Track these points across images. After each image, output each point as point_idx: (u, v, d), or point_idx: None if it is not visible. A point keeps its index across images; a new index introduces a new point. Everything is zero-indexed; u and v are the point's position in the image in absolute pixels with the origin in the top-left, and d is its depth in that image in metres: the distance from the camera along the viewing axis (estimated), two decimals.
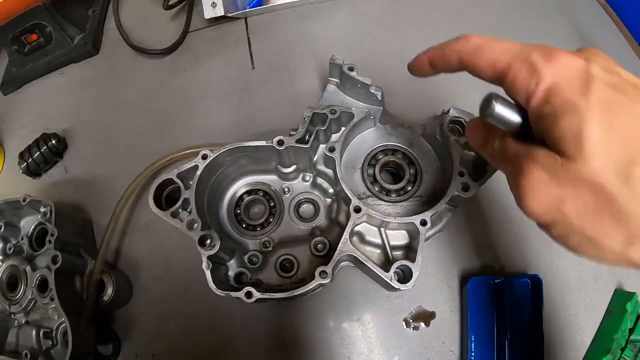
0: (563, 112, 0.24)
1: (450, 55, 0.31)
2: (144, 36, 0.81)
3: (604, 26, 0.79)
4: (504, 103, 0.27)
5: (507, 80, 0.27)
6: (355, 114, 0.50)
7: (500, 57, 0.27)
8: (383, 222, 0.48)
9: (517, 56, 0.27)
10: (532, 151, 0.26)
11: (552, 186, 0.25)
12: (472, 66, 0.30)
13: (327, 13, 0.77)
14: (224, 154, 0.49)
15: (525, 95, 0.26)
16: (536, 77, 0.25)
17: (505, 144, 0.29)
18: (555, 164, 0.25)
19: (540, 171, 0.25)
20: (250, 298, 0.44)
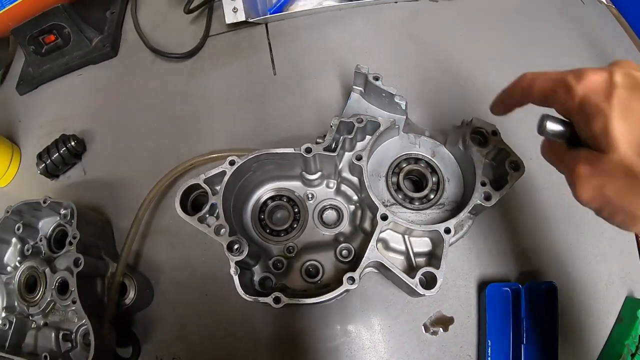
0: (592, 116, 0.30)
1: (514, 92, 0.39)
2: (163, 39, 0.81)
3: (617, 37, 0.82)
4: (553, 120, 0.35)
5: (552, 101, 0.35)
6: (381, 123, 0.51)
7: (545, 84, 0.35)
8: (407, 230, 0.49)
9: (557, 81, 0.34)
10: (578, 152, 0.33)
11: (594, 176, 0.31)
12: (530, 96, 0.37)
13: (346, 20, 0.78)
14: (251, 160, 0.50)
15: (566, 110, 0.33)
16: (571, 94, 0.32)
17: (562, 151, 0.36)
18: (594, 158, 0.31)
19: (584, 166, 0.32)
20: (278, 303, 0.45)
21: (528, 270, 0.57)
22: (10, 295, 0.58)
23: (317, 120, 0.68)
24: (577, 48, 0.77)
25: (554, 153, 0.37)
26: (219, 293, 0.57)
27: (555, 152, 0.37)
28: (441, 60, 0.73)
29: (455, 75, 0.72)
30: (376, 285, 0.56)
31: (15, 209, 0.58)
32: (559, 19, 0.81)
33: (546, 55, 0.76)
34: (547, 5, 0.83)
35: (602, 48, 0.78)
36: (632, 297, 0.55)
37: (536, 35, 0.78)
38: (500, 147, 0.50)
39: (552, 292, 0.54)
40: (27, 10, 0.75)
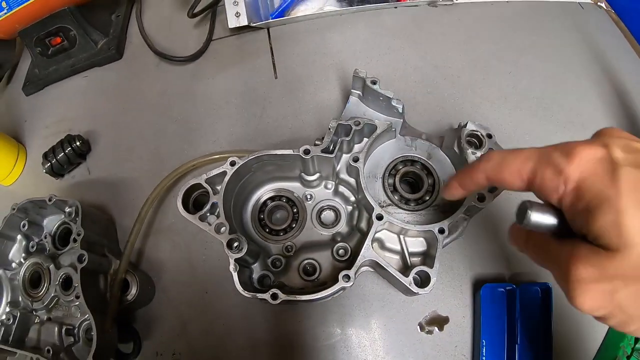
0: (597, 206, 0.25)
1: (476, 175, 0.33)
2: (167, 42, 0.83)
3: (616, 41, 0.82)
4: (539, 209, 0.29)
5: (535, 186, 0.29)
6: (378, 126, 0.52)
7: (523, 166, 0.29)
8: (402, 230, 0.50)
9: (539, 161, 0.28)
10: (575, 249, 0.26)
11: (602, 281, 0.25)
12: (499, 181, 0.32)
13: (347, 24, 0.80)
14: (251, 161, 0.52)
15: (556, 197, 0.28)
16: (563, 177, 0.27)
17: (547, 244, 0.29)
18: (601, 258, 0.25)
19: (587, 268, 0.25)
20: (275, 299, 0.46)
21: (523, 271, 0.58)
22: (15, 291, 0.60)
23: (317, 123, 0.69)
24: (576, 53, 0.78)
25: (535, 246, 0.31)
26: (218, 291, 0.59)
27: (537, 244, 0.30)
28: (440, 65, 0.74)
29: (453, 80, 0.74)
30: (372, 285, 0.57)
31: (20, 207, 0.60)
32: (558, 23, 0.82)
33: (545, 60, 0.77)
34: (546, 10, 0.85)
35: (601, 52, 0.79)
36: None
37: (535, 40, 0.79)
38: (495, 149, 0.51)
39: (547, 293, 0.54)
40: (34, 12, 0.77)
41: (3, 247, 0.61)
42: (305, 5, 0.81)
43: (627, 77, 0.76)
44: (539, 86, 0.74)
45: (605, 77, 0.76)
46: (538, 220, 0.28)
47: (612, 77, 0.76)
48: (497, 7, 0.83)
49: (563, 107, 0.72)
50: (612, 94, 0.74)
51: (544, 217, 0.28)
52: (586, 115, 0.71)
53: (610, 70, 0.77)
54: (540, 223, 0.29)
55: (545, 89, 0.73)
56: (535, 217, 0.28)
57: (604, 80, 0.76)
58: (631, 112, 0.72)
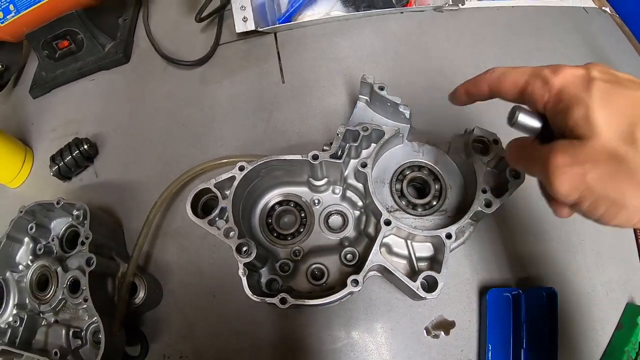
0: (572, 105, 0.31)
1: (481, 83, 0.39)
2: (174, 46, 0.84)
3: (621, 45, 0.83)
4: (526, 112, 0.34)
5: (526, 93, 0.34)
6: (385, 132, 0.53)
7: (519, 78, 0.35)
8: (410, 235, 0.51)
9: (532, 74, 0.34)
10: (554, 145, 0.32)
11: (574, 165, 0.30)
12: (498, 89, 0.37)
13: (353, 29, 0.81)
14: (260, 166, 0.52)
15: (541, 101, 0.33)
16: (548, 86, 0.33)
17: (534, 148, 0.35)
18: (574, 146, 0.30)
19: (563, 156, 0.31)
20: (284, 304, 0.47)
21: (529, 276, 0.59)
22: (22, 293, 0.60)
23: (325, 128, 0.70)
24: (580, 57, 0.79)
25: (524, 151, 0.37)
26: (226, 294, 0.59)
27: (525, 149, 0.36)
28: (446, 70, 0.75)
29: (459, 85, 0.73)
30: (379, 290, 0.58)
31: (28, 209, 0.60)
32: (563, 28, 0.83)
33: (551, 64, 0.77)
34: (551, 15, 0.86)
35: (605, 56, 0.80)
36: (633, 304, 0.57)
37: (540, 45, 0.80)
38: (502, 155, 0.52)
39: (553, 298, 0.55)
40: (41, 16, 0.77)
41: (10, 249, 0.61)
42: (312, 10, 0.82)
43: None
44: None
45: None
46: (524, 121, 0.34)
47: None
48: (502, 12, 0.84)
49: None
50: None
51: (530, 120, 0.34)
52: None
53: None
54: (527, 124, 0.34)
55: None
56: (522, 117, 0.34)
57: None
58: None
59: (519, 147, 0.38)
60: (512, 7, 0.86)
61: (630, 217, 0.30)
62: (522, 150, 0.37)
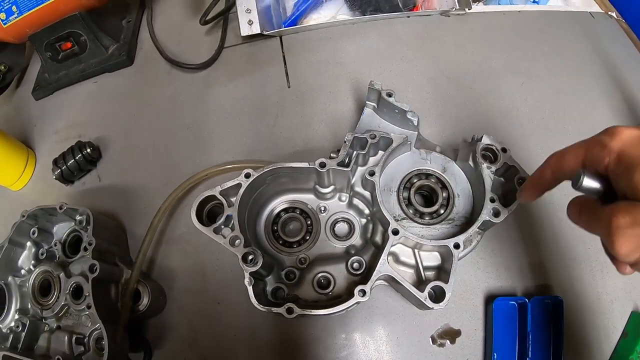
0: (633, 167, 0.31)
1: (545, 172, 0.40)
2: (178, 49, 0.84)
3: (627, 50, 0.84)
4: (590, 175, 0.35)
5: (588, 161, 0.36)
6: (394, 140, 0.53)
7: (578, 151, 0.37)
8: (417, 244, 0.51)
9: (590, 143, 0.36)
10: (616, 205, 0.32)
11: (635, 227, 0.30)
12: (562, 171, 0.38)
13: (359, 34, 0.80)
14: (266, 173, 0.52)
15: (602, 165, 0.34)
16: (607, 150, 0.34)
17: (596, 208, 0.35)
18: (635, 208, 0.30)
19: (624, 217, 0.30)
20: (291, 314, 0.47)
21: (534, 285, 0.59)
22: (24, 298, 0.60)
23: (331, 133, 0.70)
24: (587, 62, 0.79)
25: (586, 210, 0.37)
26: (230, 301, 0.59)
27: (588, 208, 0.37)
28: (453, 76, 0.75)
29: (466, 91, 0.74)
30: (385, 297, 0.58)
31: (30, 214, 0.60)
32: (569, 33, 0.83)
33: (556, 70, 0.78)
34: (558, 20, 0.86)
35: (611, 62, 0.80)
36: (638, 312, 0.57)
37: (546, 50, 0.80)
38: (510, 164, 0.51)
39: (558, 307, 0.55)
40: (44, 17, 0.77)
41: (12, 253, 0.61)
42: (318, 13, 0.82)
43: (638, 86, 0.78)
44: (550, 97, 0.74)
45: (615, 86, 0.77)
46: (588, 184, 0.35)
47: (623, 86, 0.77)
48: (508, 17, 0.84)
49: (574, 118, 0.72)
50: (622, 104, 0.75)
51: (592, 182, 0.35)
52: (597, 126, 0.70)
53: (621, 79, 0.78)
54: (590, 186, 0.35)
55: (557, 100, 0.74)
56: (587, 181, 0.35)
57: (615, 90, 0.77)
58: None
59: (581, 205, 0.38)
60: (518, 12, 0.86)
61: None
62: (584, 209, 0.37)
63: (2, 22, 0.75)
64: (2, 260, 0.60)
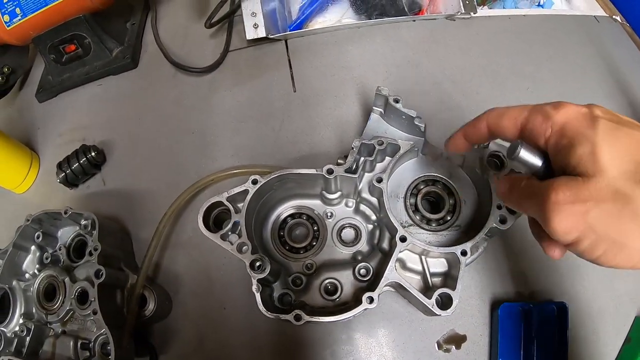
0: (577, 142, 0.30)
1: (479, 124, 0.39)
2: (183, 52, 0.84)
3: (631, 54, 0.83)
4: (528, 148, 0.34)
5: (527, 129, 0.34)
6: (401, 146, 0.53)
7: (519, 114, 0.35)
8: (424, 251, 0.51)
9: (533, 110, 0.34)
10: (555, 181, 0.31)
11: (576, 203, 0.29)
12: (497, 128, 0.37)
13: (365, 37, 0.80)
14: (273, 179, 0.52)
15: (543, 137, 0.33)
16: (550, 121, 0.32)
17: (530, 184, 0.34)
18: (577, 183, 0.29)
19: (565, 192, 0.30)
20: (299, 321, 0.47)
21: (540, 290, 0.59)
22: (29, 303, 0.60)
23: (337, 138, 0.70)
24: (591, 66, 0.80)
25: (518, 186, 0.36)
26: (237, 306, 0.59)
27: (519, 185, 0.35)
28: (458, 80, 0.75)
29: (472, 96, 0.74)
30: (391, 302, 0.58)
31: (35, 218, 0.60)
32: (574, 37, 0.84)
33: (561, 74, 0.78)
34: (563, 24, 0.86)
35: (615, 65, 0.80)
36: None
37: (551, 54, 0.80)
38: (517, 170, 0.51)
39: (563, 312, 0.55)
40: (48, 19, 0.77)
41: (17, 257, 0.61)
42: (324, 17, 0.82)
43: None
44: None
45: (619, 90, 0.77)
46: (525, 157, 0.33)
47: (627, 90, 0.77)
48: (514, 21, 0.84)
49: None
50: (626, 109, 0.75)
51: (531, 157, 0.33)
52: None
53: (625, 83, 0.78)
54: (528, 160, 0.33)
55: None
56: (524, 154, 0.33)
57: (618, 94, 0.77)
58: None
59: (511, 182, 0.37)
60: (523, 16, 0.86)
61: (631, 258, 0.30)
62: (515, 185, 0.36)
63: (6, 24, 0.74)
64: (6, 264, 0.59)
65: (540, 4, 1.05)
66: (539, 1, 1.04)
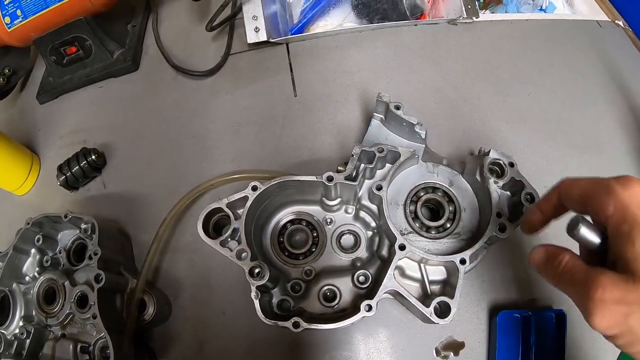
0: (638, 234, 0.29)
1: (552, 196, 0.39)
2: (184, 55, 0.85)
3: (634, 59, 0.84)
4: (588, 225, 0.33)
5: (591, 204, 0.33)
6: (402, 154, 0.53)
7: (586, 185, 0.35)
8: (423, 259, 0.52)
9: (598, 183, 0.33)
10: (603, 274, 0.30)
11: (621, 304, 0.29)
12: (567, 197, 0.37)
13: (366, 42, 0.81)
14: (273, 186, 0.52)
15: (604, 215, 0.32)
16: (614, 199, 0.31)
17: (575, 266, 0.33)
18: (627, 285, 0.29)
19: (612, 292, 0.29)
20: (297, 328, 0.48)
21: (538, 297, 0.60)
22: (29, 305, 0.61)
23: (337, 144, 0.70)
24: (593, 72, 0.80)
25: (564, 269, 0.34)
26: (237, 312, 0.60)
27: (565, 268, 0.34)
28: (460, 85, 0.76)
29: (473, 102, 0.75)
30: (390, 309, 0.58)
31: (35, 221, 0.61)
32: (576, 42, 0.84)
33: (563, 81, 0.79)
34: (565, 28, 0.87)
35: (617, 71, 0.81)
36: None
37: (553, 59, 0.81)
38: (517, 178, 0.52)
39: (562, 320, 0.56)
40: (49, 21, 0.78)
41: (17, 260, 0.62)
42: (325, 21, 0.83)
43: None
44: (557, 108, 0.75)
45: (621, 96, 0.78)
46: (585, 235, 0.33)
47: (629, 96, 0.78)
48: (516, 25, 0.85)
49: (580, 130, 0.73)
50: (628, 115, 0.76)
51: (591, 235, 0.33)
52: (602, 138, 0.74)
53: (627, 89, 0.79)
54: (587, 238, 0.33)
55: (563, 111, 0.75)
56: (584, 231, 0.33)
57: (620, 100, 0.78)
58: None
59: (549, 255, 0.36)
60: (525, 20, 0.87)
61: None
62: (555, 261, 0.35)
63: (7, 26, 0.76)
64: (6, 266, 0.61)
65: (542, 8, 1.05)
66: (541, 5, 1.05)
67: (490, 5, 0.98)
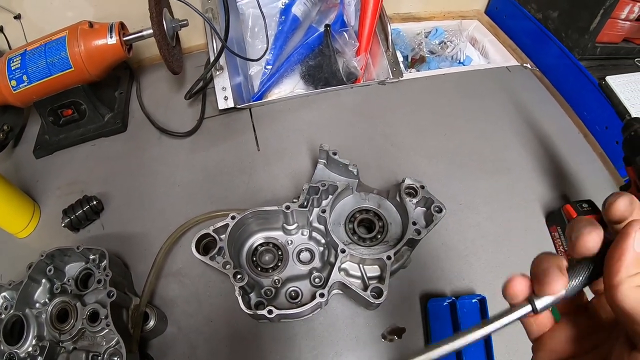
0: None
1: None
2: (165, 118, 1.07)
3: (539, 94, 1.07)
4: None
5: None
6: (339, 186, 0.82)
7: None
8: (361, 260, 0.77)
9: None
10: None
11: None
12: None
13: (313, 104, 1.08)
14: (247, 215, 0.80)
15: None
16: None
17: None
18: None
19: None
20: (271, 314, 0.71)
21: (462, 287, 0.80)
22: (41, 326, 0.71)
23: (293, 185, 0.94)
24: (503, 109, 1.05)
25: None
26: (222, 319, 0.78)
27: None
28: (388, 133, 1.03)
29: (399, 145, 1.01)
30: (342, 308, 0.79)
31: (48, 254, 0.74)
32: (488, 87, 1.10)
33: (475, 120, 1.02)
34: (478, 77, 1.13)
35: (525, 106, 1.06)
36: None
37: (467, 104, 1.07)
38: (427, 196, 0.80)
39: (483, 303, 0.75)
40: (51, 87, 0.94)
41: (30, 288, 0.74)
42: (279, 88, 1.09)
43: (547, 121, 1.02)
44: (469, 142, 1.01)
45: (528, 126, 1.02)
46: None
47: (534, 125, 1.01)
48: (435, 80, 1.13)
49: (490, 157, 0.98)
50: (533, 140, 1.00)
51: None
52: (510, 161, 0.99)
53: (533, 120, 1.02)
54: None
55: (475, 144, 1.00)
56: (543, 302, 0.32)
57: (527, 130, 1.02)
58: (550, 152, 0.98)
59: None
60: (443, 74, 1.15)
61: None
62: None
63: (13, 89, 0.91)
64: (21, 294, 0.71)
65: (461, 61, 1.40)
66: (459, 59, 1.40)
67: (416, 64, 1.31)
